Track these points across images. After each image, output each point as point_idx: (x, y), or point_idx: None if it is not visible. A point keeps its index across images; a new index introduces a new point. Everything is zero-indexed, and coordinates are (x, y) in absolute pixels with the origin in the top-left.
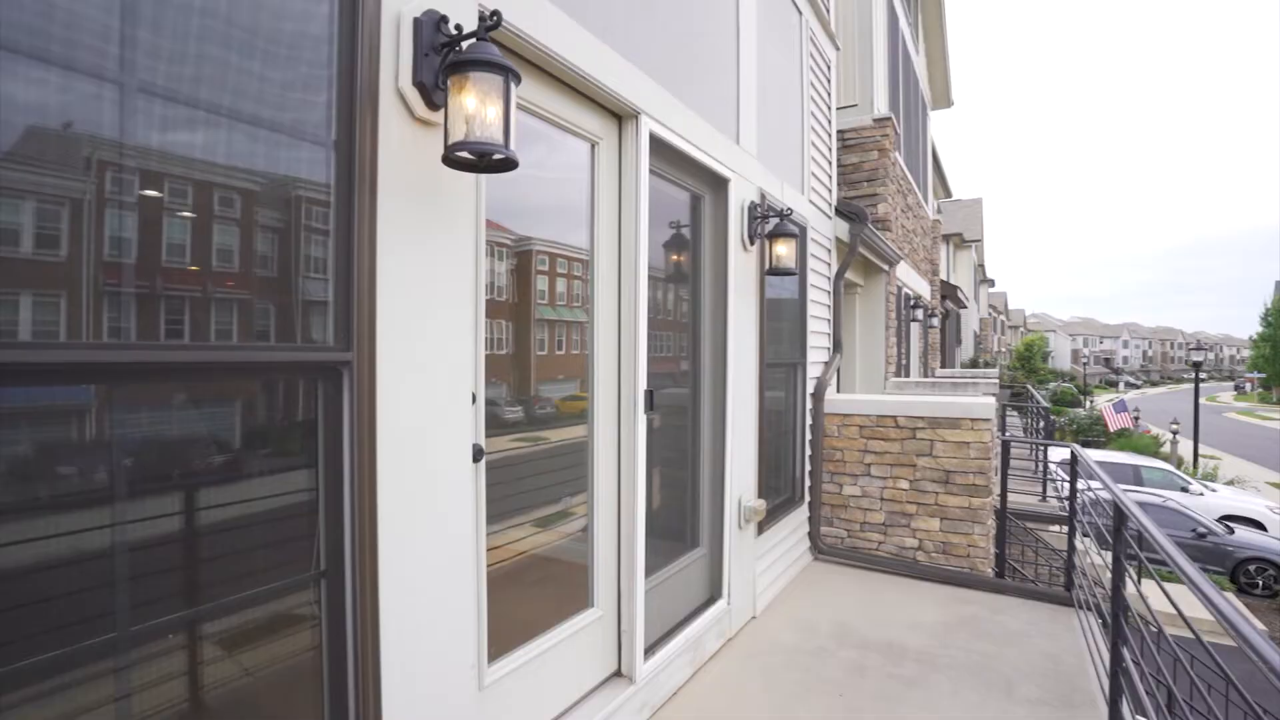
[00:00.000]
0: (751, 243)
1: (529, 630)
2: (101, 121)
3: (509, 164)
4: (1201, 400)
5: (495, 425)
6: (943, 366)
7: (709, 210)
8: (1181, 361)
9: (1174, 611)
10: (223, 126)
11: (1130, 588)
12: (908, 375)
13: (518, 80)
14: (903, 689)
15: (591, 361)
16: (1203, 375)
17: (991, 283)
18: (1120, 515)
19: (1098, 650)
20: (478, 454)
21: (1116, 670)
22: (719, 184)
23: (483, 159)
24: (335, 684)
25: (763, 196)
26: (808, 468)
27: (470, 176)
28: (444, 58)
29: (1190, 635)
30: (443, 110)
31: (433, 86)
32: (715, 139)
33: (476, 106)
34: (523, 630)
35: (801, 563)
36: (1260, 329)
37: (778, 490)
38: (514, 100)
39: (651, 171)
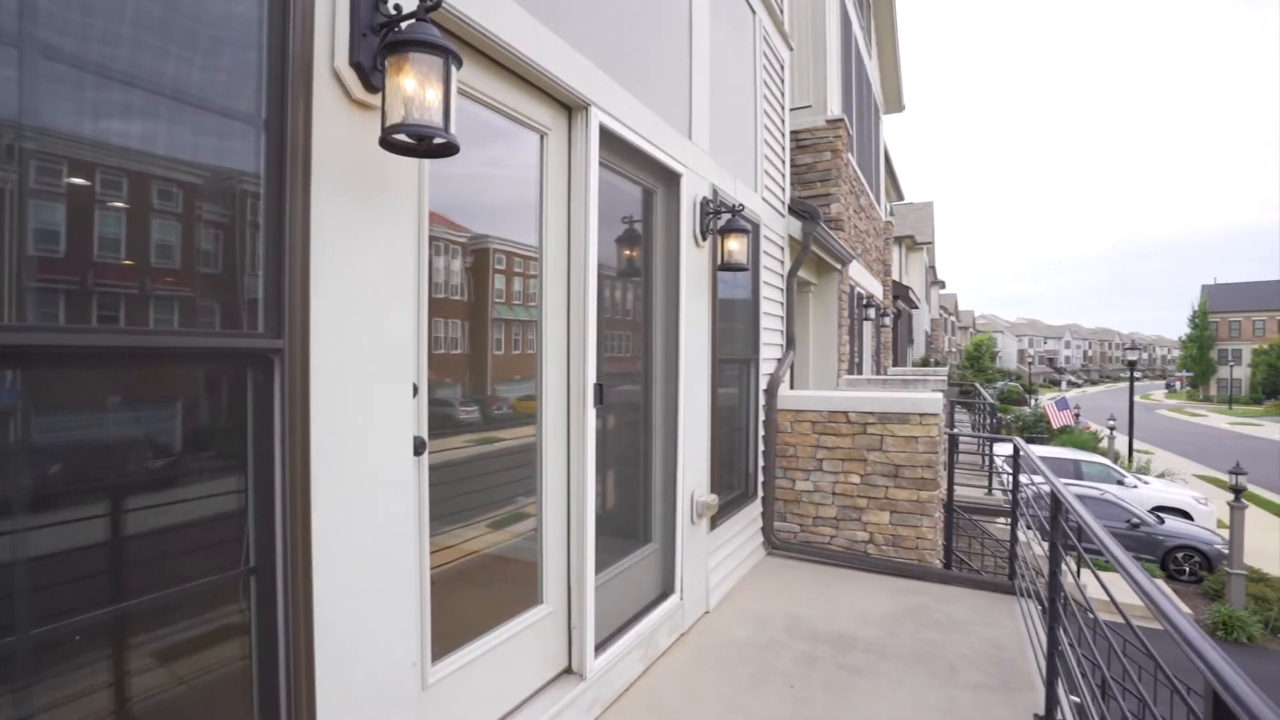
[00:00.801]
0: (704, 238)
1: (476, 627)
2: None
3: (450, 148)
4: (1136, 398)
5: (448, 424)
6: (895, 365)
7: (661, 205)
8: (1118, 361)
9: (1108, 598)
10: (141, 106)
11: (1067, 576)
12: (860, 373)
13: (459, 63)
14: (852, 678)
15: (540, 356)
16: (1137, 374)
17: (942, 284)
18: (1057, 505)
19: (1036, 636)
20: (420, 446)
21: (1053, 653)
22: (671, 179)
23: (422, 142)
24: (265, 684)
25: (715, 192)
26: (761, 463)
27: (411, 162)
28: (382, 38)
29: (1123, 620)
30: (381, 93)
31: (371, 68)
32: (667, 133)
33: (415, 88)
34: (470, 627)
35: (755, 558)
36: (1188, 330)
37: (731, 486)
38: (454, 83)
39: (602, 164)
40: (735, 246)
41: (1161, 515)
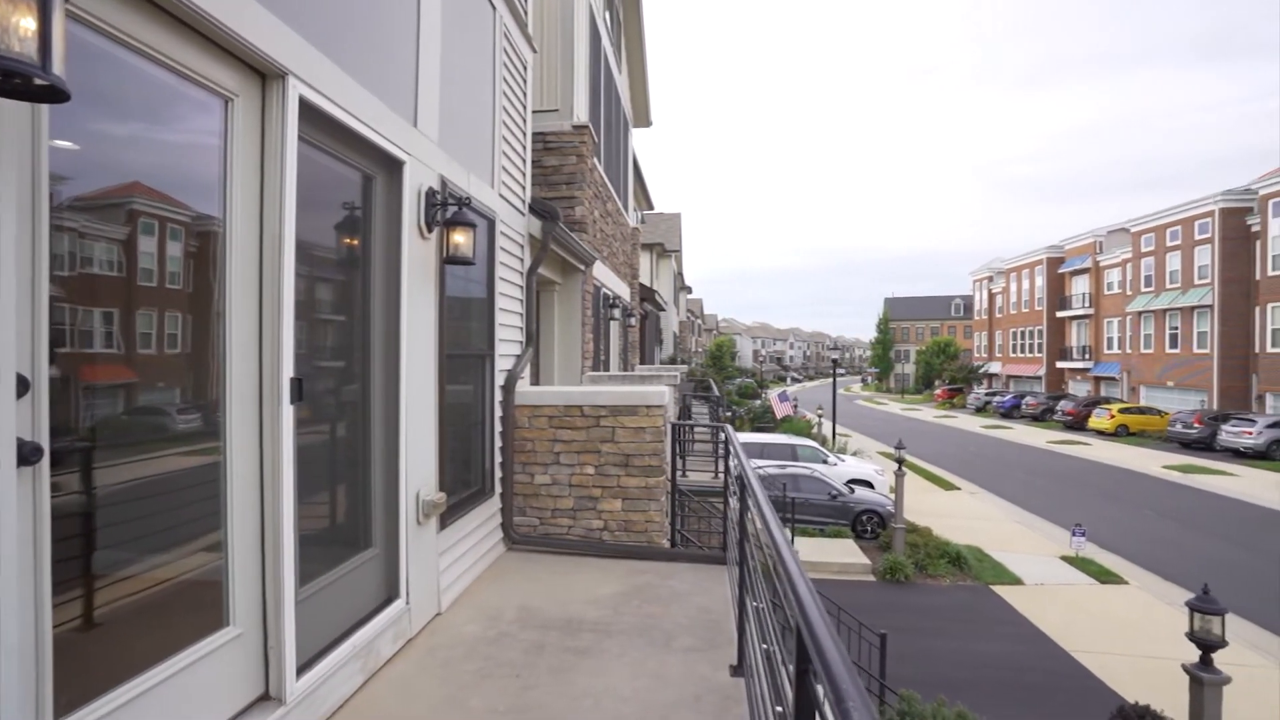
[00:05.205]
0: (429, 230)
1: (136, 663)
2: None
3: (58, 93)
4: (840, 391)
5: (101, 430)
6: (642, 363)
7: (381, 193)
8: (828, 360)
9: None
10: None
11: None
12: (607, 369)
13: None
14: (577, 659)
15: (225, 348)
16: (841, 371)
17: (689, 289)
18: (743, 484)
19: (737, 598)
20: (32, 454)
21: (742, 611)
22: (393, 165)
23: (9, 79)
24: None
25: (444, 184)
26: (499, 459)
27: (19, 105)
28: None
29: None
30: None
31: None
32: (388, 117)
33: None
34: (126, 665)
35: (495, 554)
36: (876, 334)
37: (467, 483)
38: (60, 12)
39: (310, 143)
40: (462, 240)
41: (853, 486)
